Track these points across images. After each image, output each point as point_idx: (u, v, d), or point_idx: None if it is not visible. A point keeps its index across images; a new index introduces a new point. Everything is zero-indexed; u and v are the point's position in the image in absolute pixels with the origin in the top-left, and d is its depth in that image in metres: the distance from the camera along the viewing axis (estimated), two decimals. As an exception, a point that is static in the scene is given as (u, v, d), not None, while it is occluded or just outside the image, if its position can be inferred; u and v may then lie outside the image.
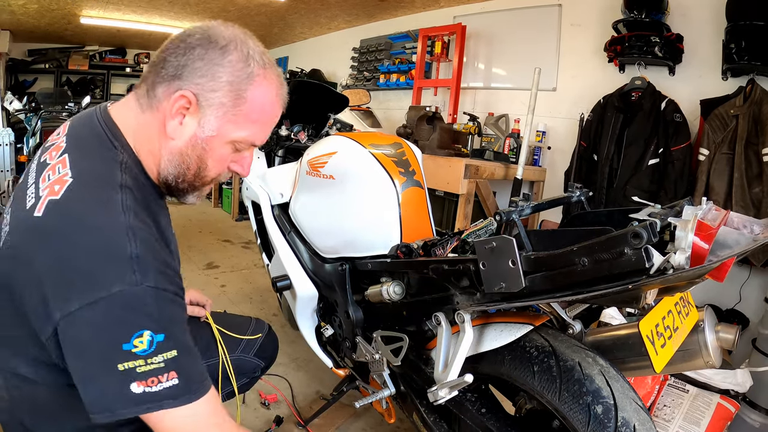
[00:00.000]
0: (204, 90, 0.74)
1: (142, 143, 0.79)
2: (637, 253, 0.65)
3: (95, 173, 0.72)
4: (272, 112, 0.81)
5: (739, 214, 0.82)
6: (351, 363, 1.55)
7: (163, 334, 0.66)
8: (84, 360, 0.66)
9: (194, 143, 0.77)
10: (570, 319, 1.08)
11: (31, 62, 7.01)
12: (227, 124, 0.76)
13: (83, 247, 0.65)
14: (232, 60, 0.74)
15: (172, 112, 0.75)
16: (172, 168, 0.79)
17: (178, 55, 0.74)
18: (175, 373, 0.67)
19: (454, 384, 0.90)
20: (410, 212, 1.39)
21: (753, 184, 2.32)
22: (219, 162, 0.81)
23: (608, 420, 0.83)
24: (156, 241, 0.72)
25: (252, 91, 0.76)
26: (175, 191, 0.83)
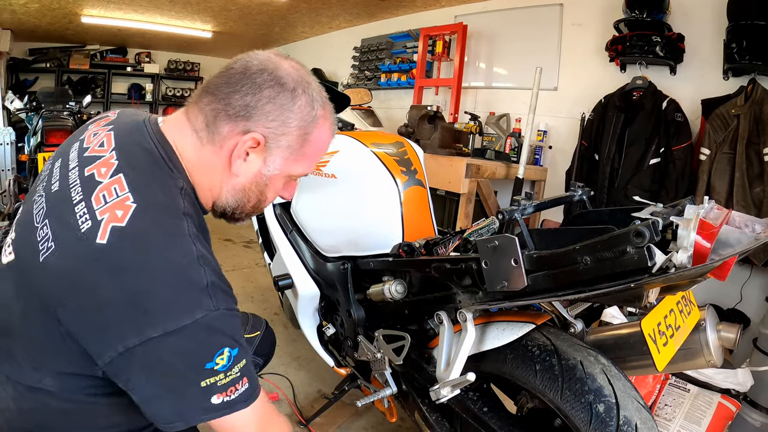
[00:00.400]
0: (274, 134, 0.76)
1: (201, 175, 0.80)
2: (640, 251, 0.65)
3: (158, 199, 0.72)
4: (327, 147, 0.87)
5: (741, 213, 0.82)
6: (352, 362, 1.55)
7: (237, 348, 0.71)
8: (164, 381, 0.69)
9: (258, 180, 0.81)
10: (571, 318, 1.08)
11: (32, 61, 7.01)
12: (291, 163, 0.81)
13: (160, 279, 0.67)
14: (301, 105, 0.77)
15: (240, 153, 0.77)
16: (232, 201, 0.83)
17: (246, 94, 0.74)
18: (246, 379, 0.72)
19: (457, 383, 0.91)
20: (412, 211, 1.40)
21: (754, 183, 2.32)
22: (275, 193, 0.86)
23: (610, 419, 0.83)
24: (216, 263, 0.75)
25: (315, 133, 0.80)
26: (228, 218, 0.88)
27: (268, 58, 0.79)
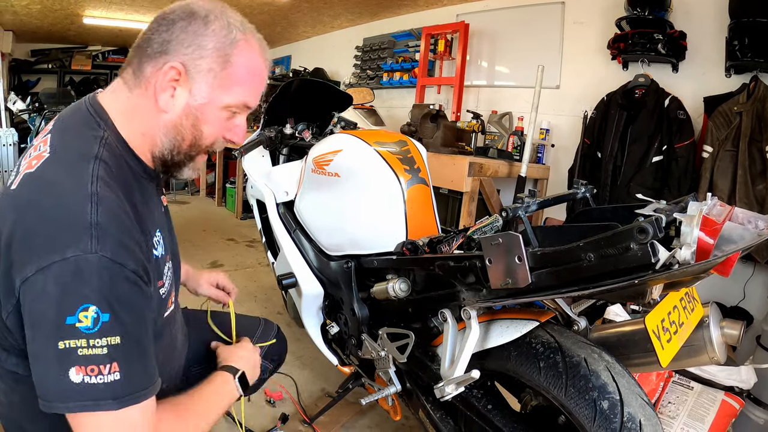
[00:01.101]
0: (192, 59, 0.75)
1: (134, 125, 0.79)
2: (643, 248, 0.66)
3: (73, 147, 0.73)
4: (259, 73, 0.82)
5: (744, 209, 0.82)
6: (356, 360, 1.56)
7: (108, 314, 0.63)
8: (34, 331, 0.64)
9: (188, 112, 0.79)
10: (575, 316, 1.08)
11: (35, 62, 7.04)
12: (218, 89, 0.78)
13: (46, 212, 0.65)
14: (215, 29, 0.77)
15: (163, 85, 0.76)
16: (167, 141, 0.80)
17: (162, 32, 0.76)
18: (117, 366, 0.63)
19: (461, 380, 0.91)
20: (415, 209, 1.40)
21: (757, 180, 2.32)
22: (214, 129, 0.82)
23: (614, 415, 0.84)
24: (125, 214, 0.70)
25: (237, 54, 0.78)
26: (171, 167, 0.84)
27: (183, 1, 0.79)
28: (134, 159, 0.80)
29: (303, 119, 1.98)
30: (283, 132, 1.93)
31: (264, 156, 1.99)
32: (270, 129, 1.92)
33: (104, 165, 0.71)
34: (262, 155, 1.99)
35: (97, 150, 0.72)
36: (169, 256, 0.87)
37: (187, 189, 6.55)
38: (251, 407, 1.79)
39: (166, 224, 0.93)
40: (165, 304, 0.85)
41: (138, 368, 0.68)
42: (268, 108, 1.96)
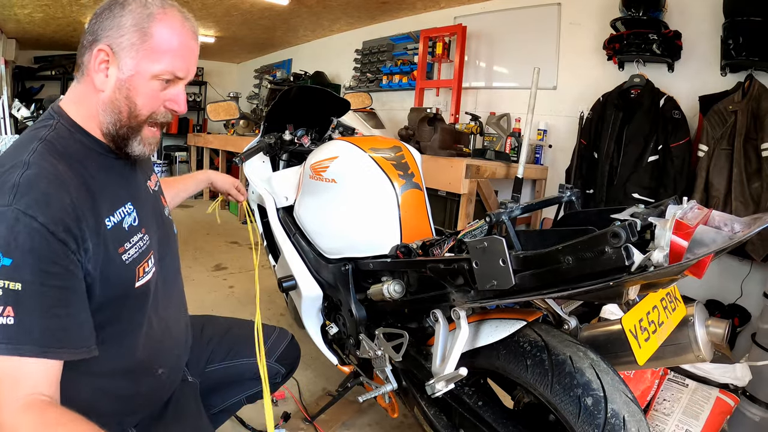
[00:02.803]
0: (115, 39, 0.82)
1: (82, 109, 0.87)
2: (617, 251, 0.69)
3: (24, 138, 0.82)
4: (182, 40, 0.87)
5: (721, 212, 0.85)
6: (355, 360, 1.59)
7: (10, 259, 0.65)
8: None
9: (119, 86, 0.84)
10: (565, 315, 1.11)
11: (38, 69, 7.11)
12: (142, 60, 0.83)
13: None
14: (132, 8, 0.83)
15: (95, 68, 0.83)
16: (108, 116, 0.86)
17: (92, 25, 0.84)
18: (11, 310, 0.64)
19: (450, 377, 0.94)
20: (410, 213, 1.44)
21: (752, 179, 2.34)
22: (148, 99, 0.87)
23: (598, 411, 0.86)
24: (56, 179, 0.75)
25: (155, 26, 0.83)
26: (120, 141, 0.89)
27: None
28: (88, 137, 0.87)
29: (302, 125, 2.02)
30: (282, 138, 1.97)
31: (264, 162, 2.03)
32: (270, 135, 1.96)
33: (47, 143, 0.79)
34: (262, 161, 2.03)
35: (43, 134, 0.81)
36: (144, 230, 0.92)
37: (190, 192, 6.59)
38: (254, 406, 1.82)
39: (148, 201, 0.99)
40: (132, 271, 0.88)
41: (40, 322, 0.68)
42: (267, 115, 2.00)
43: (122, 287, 0.86)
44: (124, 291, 0.87)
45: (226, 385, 1.31)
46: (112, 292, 0.84)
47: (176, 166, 7.62)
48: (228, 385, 1.32)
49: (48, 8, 4.81)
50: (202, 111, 8.03)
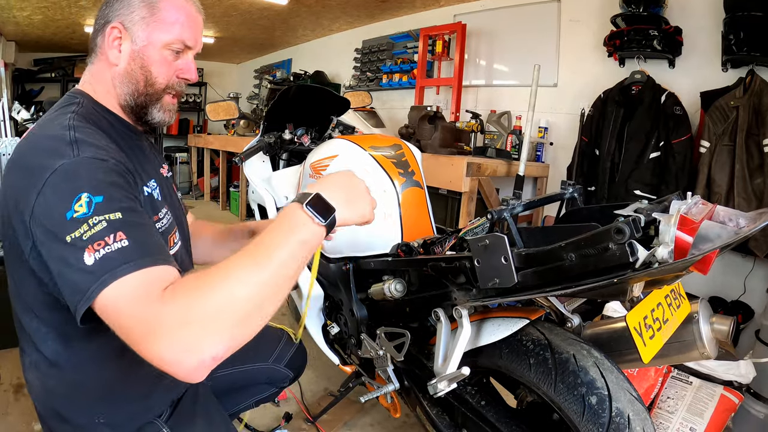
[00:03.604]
0: (125, 15, 0.87)
1: (100, 87, 0.90)
2: (621, 248, 0.68)
3: (52, 115, 0.84)
4: (188, 12, 0.91)
5: (726, 207, 0.84)
6: (357, 360, 1.58)
7: (101, 195, 0.66)
8: (48, 245, 0.66)
9: (134, 57, 0.88)
10: (568, 313, 1.10)
11: (38, 72, 7.11)
12: (154, 32, 0.88)
13: (34, 151, 0.74)
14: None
15: (109, 44, 0.88)
16: (125, 87, 0.90)
17: (102, 11, 0.89)
18: (123, 234, 0.64)
19: (452, 377, 0.94)
20: (410, 212, 1.43)
21: (754, 175, 2.32)
22: (162, 67, 0.90)
23: (602, 410, 0.86)
24: (103, 139, 0.78)
25: (162, 1, 0.88)
26: (139, 112, 0.92)
27: None
28: (111, 116, 0.91)
29: (302, 124, 2.01)
30: (282, 137, 1.96)
31: (264, 161, 2.02)
32: (269, 135, 1.95)
33: (79, 116, 0.81)
34: (262, 161, 2.02)
35: (73, 109, 0.83)
36: (166, 207, 0.93)
37: (191, 193, 6.60)
38: (256, 407, 1.82)
39: (165, 182, 1.01)
40: (166, 238, 0.89)
41: (147, 238, 0.68)
42: (267, 114, 1.99)
43: None
44: None
45: (235, 390, 1.31)
46: None
47: (177, 167, 7.62)
48: (238, 390, 1.32)
49: (47, 10, 4.81)
50: (202, 112, 8.02)
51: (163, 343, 0.57)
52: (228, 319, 0.60)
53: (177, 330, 0.58)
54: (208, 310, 0.59)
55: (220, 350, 0.59)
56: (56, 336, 0.81)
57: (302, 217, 0.71)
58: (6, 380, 1.82)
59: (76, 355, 0.82)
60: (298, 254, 0.69)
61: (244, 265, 0.65)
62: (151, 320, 0.58)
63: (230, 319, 0.60)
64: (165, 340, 0.57)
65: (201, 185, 6.58)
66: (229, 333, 0.60)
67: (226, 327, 0.60)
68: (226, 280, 0.62)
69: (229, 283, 0.62)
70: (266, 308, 0.65)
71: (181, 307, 0.59)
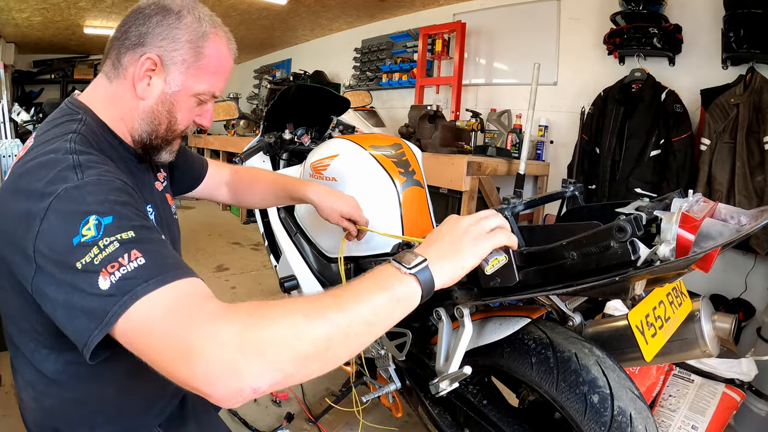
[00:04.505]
0: (167, 51, 0.81)
1: (113, 110, 0.85)
2: (623, 246, 0.68)
3: (53, 132, 0.77)
4: (227, 63, 0.89)
5: (728, 205, 0.84)
6: (358, 359, 1.58)
7: (110, 216, 0.62)
8: (55, 280, 0.61)
9: (163, 100, 0.84)
10: (570, 312, 1.10)
11: (37, 73, 7.12)
12: (191, 79, 0.84)
13: (34, 175, 0.67)
14: (187, 22, 0.82)
15: (140, 75, 0.81)
16: (145, 125, 0.85)
17: (138, 26, 0.81)
18: (138, 252, 0.60)
19: (454, 376, 0.93)
20: (411, 211, 1.42)
21: (755, 172, 2.32)
22: (186, 115, 0.88)
23: (604, 409, 0.86)
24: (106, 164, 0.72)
25: (208, 47, 0.84)
26: (150, 149, 0.89)
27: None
28: (115, 139, 0.86)
29: (302, 124, 2.01)
30: (282, 137, 1.96)
31: (264, 161, 2.02)
32: (269, 135, 1.95)
33: (81, 137, 0.76)
34: (262, 161, 2.02)
35: (75, 127, 0.77)
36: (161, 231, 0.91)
37: (191, 194, 6.60)
38: (257, 407, 1.82)
39: (160, 203, 0.98)
40: None
41: (165, 253, 0.64)
42: (267, 114, 1.99)
43: None
44: None
45: None
46: None
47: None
48: None
49: (46, 12, 4.81)
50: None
51: (200, 361, 0.53)
52: (284, 352, 0.55)
53: (221, 349, 0.53)
54: (265, 337, 0.54)
55: (264, 383, 0.54)
56: (57, 357, 0.78)
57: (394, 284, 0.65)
58: (6, 382, 1.82)
59: (78, 374, 0.80)
60: (386, 309, 0.63)
61: (321, 304, 0.59)
62: (190, 337, 0.54)
63: (287, 354, 0.55)
64: (203, 358, 0.53)
65: (201, 186, 6.57)
66: (280, 368, 0.55)
67: (279, 360, 0.54)
68: (294, 314, 0.57)
69: (295, 318, 0.57)
70: (331, 354, 0.59)
71: (236, 326, 0.55)
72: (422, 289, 0.66)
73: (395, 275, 0.65)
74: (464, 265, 0.71)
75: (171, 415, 0.99)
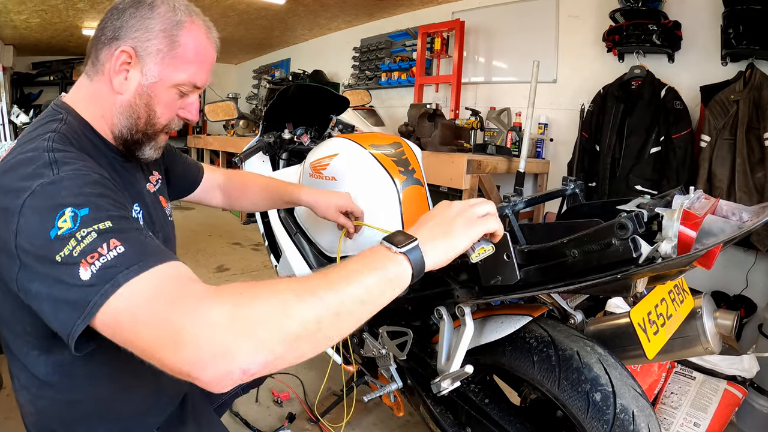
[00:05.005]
0: (141, 41, 0.80)
1: (94, 108, 0.84)
2: (624, 243, 0.67)
3: (34, 133, 0.77)
4: (206, 53, 0.86)
5: (729, 201, 0.84)
6: (359, 359, 1.58)
7: (87, 207, 0.62)
8: (37, 275, 0.61)
9: (140, 92, 0.82)
10: (571, 310, 1.10)
11: (36, 75, 7.11)
12: (167, 69, 0.82)
13: (11, 173, 0.67)
14: (160, 12, 0.81)
15: (116, 68, 0.80)
16: (124, 120, 0.84)
17: (113, 20, 0.80)
18: (117, 241, 0.60)
19: (456, 375, 0.93)
20: (411, 210, 1.42)
21: (756, 169, 2.32)
22: (167, 108, 0.86)
23: (607, 407, 0.85)
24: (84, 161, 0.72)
25: (184, 35, 0.82)
26: (132, 145, 0.87)
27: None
28: (97, 137, 0.85)
29: (301, 123, 2.00)
30: (281, 137, 1.96)
31: (264, 161, 2.02)
32: (269, 134, 1.95)
33: (60, 135, 0.75)
34: (262, 161, 2.01)
35: (55, 126, 0.77)
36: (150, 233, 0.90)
37: (191, 195, 6.60)
38: (259, 407, 1.82)
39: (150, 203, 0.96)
40: None
41: (144, 240, 0.64)
42: (266, 114, 1.99)
43: None
44: None
45: None
46: None
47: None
48: None
49: (44, 13, 4.80)
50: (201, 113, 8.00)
51: (190, 344, 0.52)
52: (275, 332, 0.54)
53: (211, 330, 0.52)
54: (255, 316, 0.54)
55: (254, 364, 0.52)
56: (47, 358, 0.78)
57: (386, 262, 0.65)
58: (8, 384, 1.82)
59: (69, 375, 0.80)
60: (377, 288, 0.63)
61: (311, 283, 0.59)
62: (178, 320, 0.53)
63: (277, 334, 0.54)
64: (192, 340, 0.52)
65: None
66: (270, 348, 0.53)
67: (269, 340, 0.53)
68: (285, 292, 0.57)
69: (286, 296, 0.56)
70: (322, 336, 0.57)
71: (226, 306, 0.54)
72: (413, 268, 0.66)
73: (387, 255, 0.65)
74: (455, 247, 0.71)
75: (170, 417, 0.99)
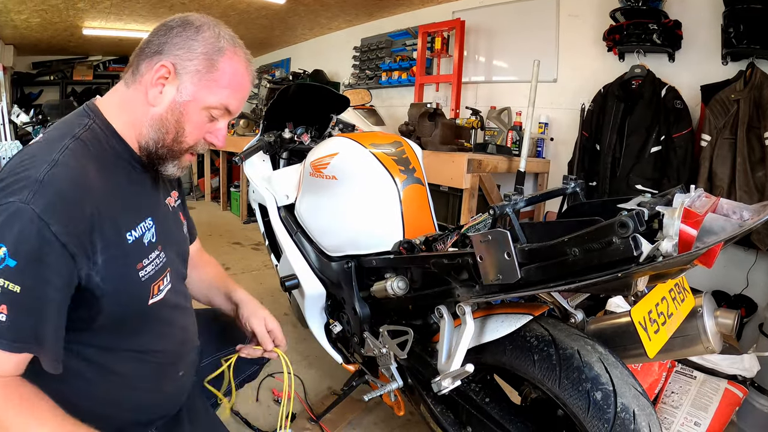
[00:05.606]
0: (181, 59, 0.83)
1: (124, 115, 0.86)
2: (625, 242, 0.67)
3: (58, 130, 0.81)
4: (242, 81, 0.88)
5: (729, 200, 0.83)
6: (360, 358, 1.58)
7: (15, 261, 0.66)
8: None
9: (173, 108, 0.85)
10: (572, 309, 1.10)
11: (36, 75, 7.12)
12: (202, 90, 0.84)
13: (13, 168, 0.72)
14: (205, 36, 0.84)
15: (153, 81, 0.83)
16: (152, 133, 0.86)
17: (160, 36, 0.84)
18: (6, 308, 0.66)
19: (456, 374, 0.93)
20: (412, 209, 1.42)
21: (756, 168, 2.32)
22: (196, 128, 0.88)
23: (607, 406, 0.85)
24: (81, 186, 0.74)
25: (223, 61, 0.85)
26: (155, 158, 0.89)
27: (185, 13, 0.87)
28: (122, 144, 0.86)
29: (302, 123, 2.01)
30: (282, 136, 1.96)
31: (264, 161, 2.02)
32: (269, 134, 1.95)
33: (80, 143, 0.78)
34: (262, 160, 2.02)
35: (77, 131, 0.80)
36: (161, 247, 0.91)
37: (192, 194, 6.60)
38: (259, 406, 1.82)
39: (167, 217, 0.98)
40: (147, 288, 0.87)
41: (29, 323, 0.69)
42: (266, 113, 1.99)
43: (135, 304, 0.86)
44: (137, 307, 0.87)
45: (220, 376, 1.30)
46: (124, 307, 0.83)
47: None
48: (222, 375, 1.31)
49: (45, 13, 4.80)
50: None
51: None
52: None
53: None
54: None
55: None
56: None
57: None
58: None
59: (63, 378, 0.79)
60: None
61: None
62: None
63: None
64: None
65: (201, 186, 6.57)
66: None
67: None
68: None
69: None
70: None
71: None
72: None
73: None
74: None
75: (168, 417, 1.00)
